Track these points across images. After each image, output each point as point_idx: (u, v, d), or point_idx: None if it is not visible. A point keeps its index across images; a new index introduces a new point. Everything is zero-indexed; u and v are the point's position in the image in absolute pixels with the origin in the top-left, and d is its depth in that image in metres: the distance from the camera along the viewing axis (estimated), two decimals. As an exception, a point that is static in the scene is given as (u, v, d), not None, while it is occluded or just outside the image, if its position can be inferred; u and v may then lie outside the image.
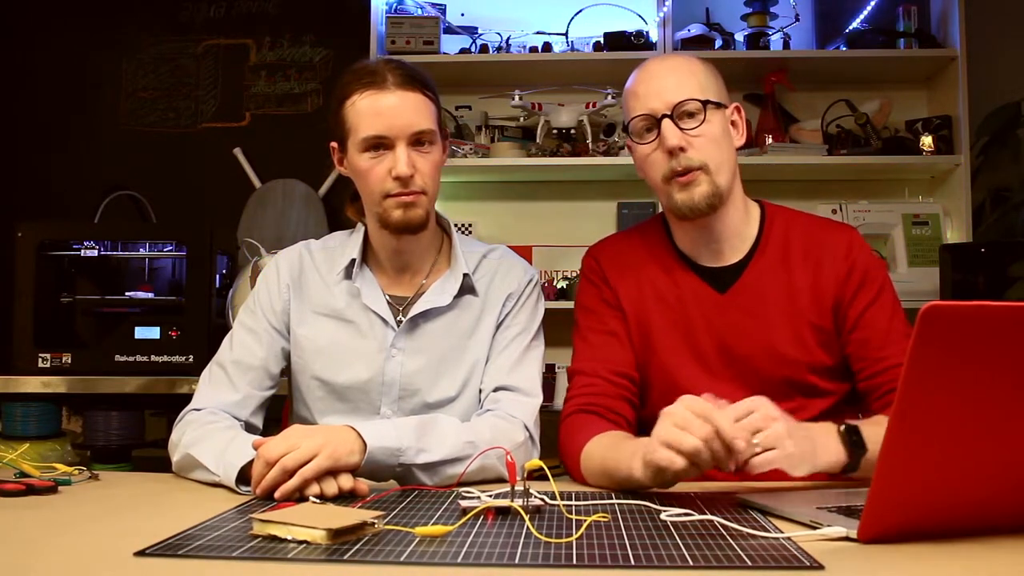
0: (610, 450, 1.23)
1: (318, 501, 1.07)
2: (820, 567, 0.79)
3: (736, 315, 1.38)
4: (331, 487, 1.12)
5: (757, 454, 1.12)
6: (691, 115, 1.33)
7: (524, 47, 2.79)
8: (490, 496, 1.04)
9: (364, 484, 1.15)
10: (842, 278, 1.38)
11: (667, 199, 1.37)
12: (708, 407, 1.04)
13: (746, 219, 1.43)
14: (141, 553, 0.84)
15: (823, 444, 1.16)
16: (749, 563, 0.80)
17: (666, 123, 1.32)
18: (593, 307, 1.46)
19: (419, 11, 2.81)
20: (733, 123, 1.41)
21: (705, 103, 1.33)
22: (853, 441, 1.17)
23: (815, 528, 0.91)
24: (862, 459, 1.17)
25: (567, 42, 2.80)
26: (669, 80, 1.35)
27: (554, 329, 1.59)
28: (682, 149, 1.32)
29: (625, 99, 1.41)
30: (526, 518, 0.96)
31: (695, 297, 1.40)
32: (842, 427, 1.19)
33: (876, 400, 1.35)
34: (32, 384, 2.20)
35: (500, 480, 1.26)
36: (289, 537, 0.88)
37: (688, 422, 1.03)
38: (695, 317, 1.40)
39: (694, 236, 1.42)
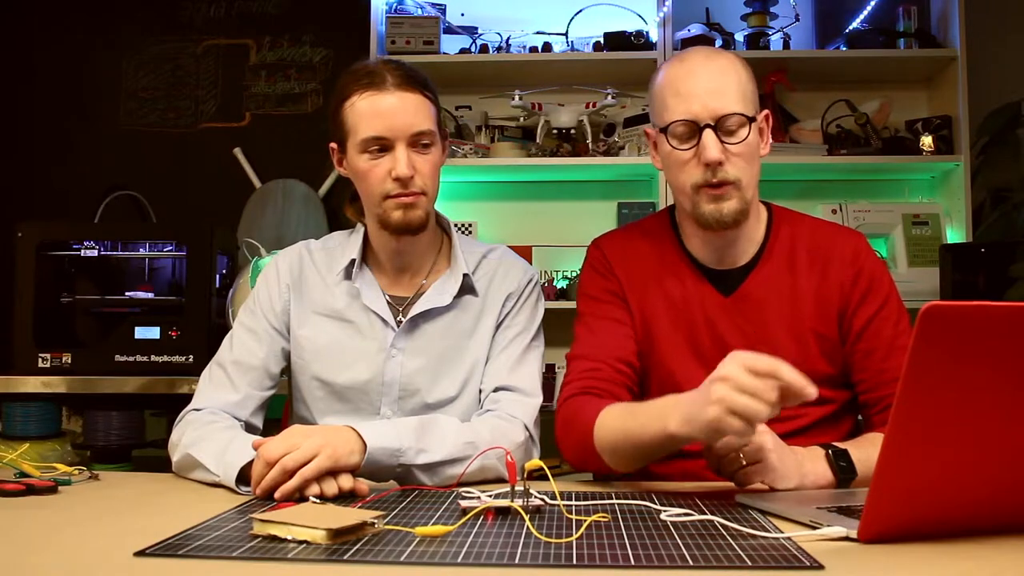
0: (629, 416, 1.20)
1: (318, 501, 1.07)
2: (820, 567, 0.79)
3: (739, 320, 1.37)
4: (331, 487, 1.12)
5: (742, 467, 1.12)
6: (733, 130, 1.28)
7: (524, 47, 2.79)
8: (490, 496, 1.05)
9: (364, 484, 1.15)
10: (848, 284, 1.36)
11: (692, 207, 1.33)
12: (769, 362, 1.00)
13: (756, 223, 1.41)
14: (141, 553, 0.84)
15: (811, 468, 1.17)
16: (749, 563, 0.80)
17: (708, 135, 1.27)
18: (597, 295, 1.44)
19: (419, 11, 2.81)
20: (760, 130, 1.35)
21: (750, 119, 1.29)
22: (841, 467, 1.18)
23: (815, 528, 0.91)
24: (851, 483, 1.17)
25: (567, 42, 2.80)
26: (714, 84, 1.29)
27: (554, 329, 1.59)
28: (720, 163, 1.28)
29: (662, 93, 1.33)
30: (526, 518, 0.96)
31: (700, 299, 1.39)
32: (829, 451, 1.19)
33: (877, 413, 1.34)
34: (32, 384, 2.20)
35: (500, 480, 1.26)
36: (289, 537, 0.88)
37: (757, 389, 0.99)
38: (699, 319, 1.38)
39: (707, 241, 1.39)
